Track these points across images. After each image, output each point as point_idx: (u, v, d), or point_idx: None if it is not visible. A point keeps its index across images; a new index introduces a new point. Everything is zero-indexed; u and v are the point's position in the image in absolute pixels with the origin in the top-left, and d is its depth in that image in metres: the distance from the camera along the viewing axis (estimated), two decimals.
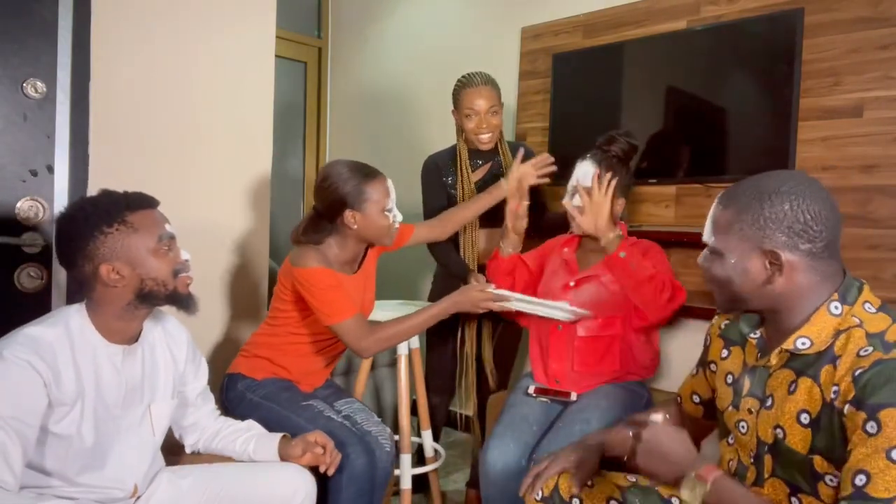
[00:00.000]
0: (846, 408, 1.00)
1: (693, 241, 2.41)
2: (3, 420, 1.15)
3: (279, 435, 1.60)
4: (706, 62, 2.45)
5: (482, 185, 2.30)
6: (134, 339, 1.39)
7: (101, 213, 1.29)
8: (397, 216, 1.86)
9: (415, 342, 2.26)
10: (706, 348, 1.37)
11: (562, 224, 2.10)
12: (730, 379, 1.26)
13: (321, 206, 1.84)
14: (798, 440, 1.08)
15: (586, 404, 1.79)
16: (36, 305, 1.75)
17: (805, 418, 1.07)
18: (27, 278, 1.75)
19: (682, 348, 2.38)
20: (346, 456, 1.67)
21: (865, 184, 2.15)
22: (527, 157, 2.20)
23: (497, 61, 3.15)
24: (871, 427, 0.95)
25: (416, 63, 3.55)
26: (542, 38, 2.98)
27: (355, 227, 1.81)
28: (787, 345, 1.10)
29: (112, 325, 1.33)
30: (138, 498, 1.40)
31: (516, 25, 3.07)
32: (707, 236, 1.18)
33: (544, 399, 1.88)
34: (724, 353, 1.29)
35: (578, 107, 2.80)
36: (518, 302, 1.86)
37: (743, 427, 1.20)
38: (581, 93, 2.80)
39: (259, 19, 2.24)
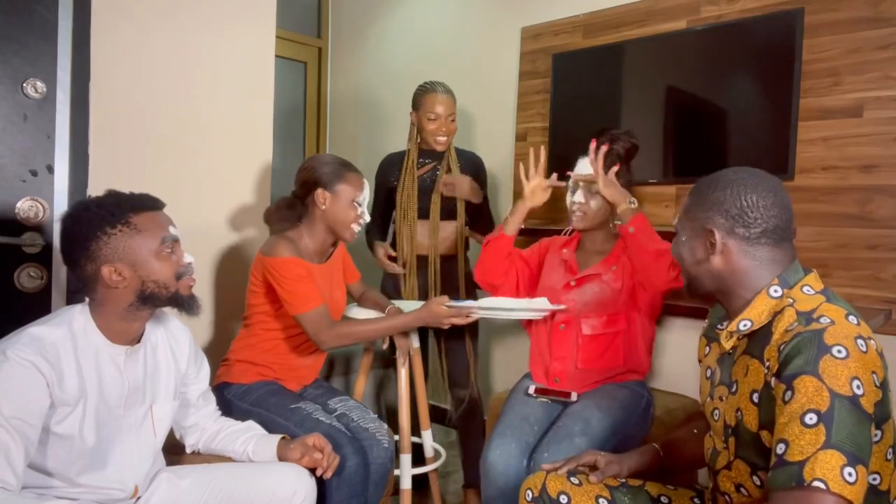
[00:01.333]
0: (773, 381, 1.05)
1: None
2: (6, 420, 1.15)
3: (278, 437, 1.60)
4: (706, 62, 2.45)
5: (425, 182, 2.48)
6: (136, 339, 1.39)
7: (104, 214, 1.29)
8: (365, 215, 1.94)
9: (415, 342, 2.26)
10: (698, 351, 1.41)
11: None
12: (708, 373, 1.32)
13: (297, 186, 1.94)
14: (751, 419, 1.13)
15: (587, 404, 1.79)
16: (36, 305, 1.75)
17: (756, 397, 1.12)
18: (27, 278, 1.75)
19: (676, 348, 2.38)
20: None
21: (865, 184, 2.15)
22: (479, 168, 2.52)
23: (497, 61, 3.15)
24: (787, 395, 0.99)
25: (416, 63, 3.55)
26: (542, 38, 2.98)
27: (324, 207, 1.89)
28: (732, 327, 1.17)
29: (114, 326, 1.33)
30: (138, 499, 1.40)
31: (516, 25, 3.07)
32: (675, 218, 1.30)
33: (544, 399, 1.88)
34: (706, 349, 1.35)
35: (578, 107, 2.80)
36: (485, 311, 1.88)
37: (716, 414, 1.25)
38: (581, 93, 2.80)
39: (259, 19, 2.24)
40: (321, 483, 1.63)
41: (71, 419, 1.26)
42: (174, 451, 1.60)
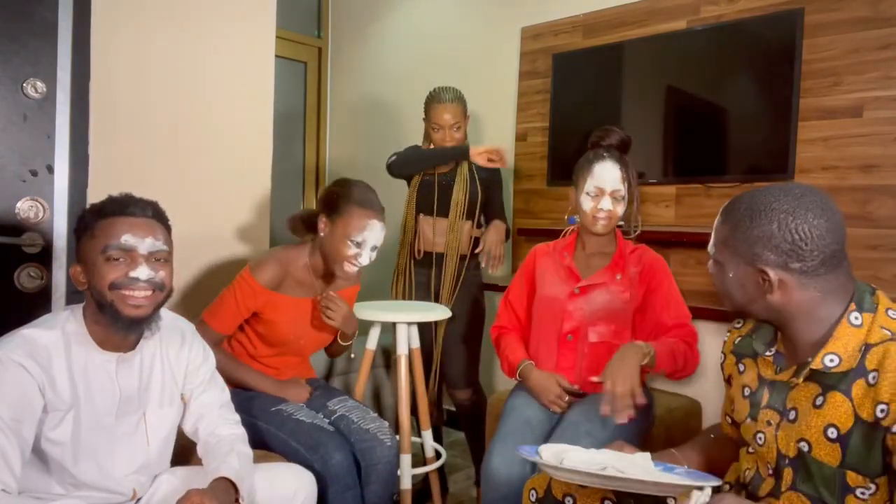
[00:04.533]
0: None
1: (693, 241, 2.41)
2: (4, 423, 1.15)
3: (218, 477, 1.37)
4: (706, 62, 2.45)
5: (442, 181, 2.51)
6: (130, 347, 1.36)
7: (84, 216, 1.31)
8: (361, 257, 1.81)
9: (415, 342, 2.26)
10: (722, 366, 1.36)
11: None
12: (747, 392, 1.24)
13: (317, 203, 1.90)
14: (825, 454, 1.05)
15: (590, 406, 1.78)
16: (36, 305, 1.75)
17: (832, 433, 1.05)
18: (27, 278, 1.75)
19: None
20: (320, 458, 1.65)
21: (865, 184, 2.15)
22: (492, 172, 2.54)
23: (497, 61, 3.15)
24: None
25: (416, 63, 3.55)
26: (542, 38, 2.98)
27: (322, 234, 1.82)
28: (816, 364, 1.07)
29: (101, 332, 1.31)
30: (138, 500, 1.40)
31: (516, 25, 3.07)
32: (710, 246, 1.19)
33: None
34: (740, 367, 1.28)
35: (578, 107, 2.80)
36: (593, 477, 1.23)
37: (760, 439, 1.18)
38: (581, 93, 2.80)
39: (259, 19, 2.24)
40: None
41: (62, 425, 1.25)
42: (184, 452, 1.57)
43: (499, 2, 3.17)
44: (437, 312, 2.26)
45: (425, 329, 2.51)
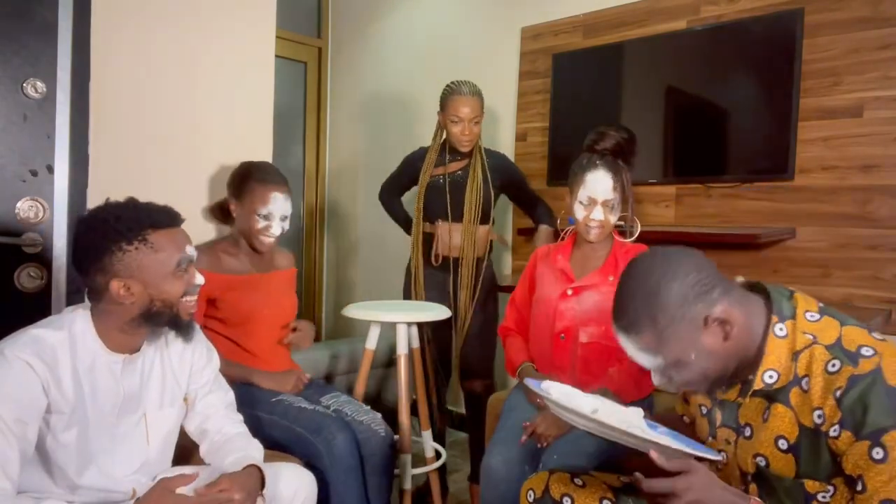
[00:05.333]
0: (834, 430, 0.99)
1: (693, 241, 2.40)
2: (6, 424, 1.14)
3: (248, 463, 1.41)
4: (706, 62, 2.45)
5: (456, 177, 2.50)
6: (136, 349, 1.36)
7: (122, 229, 1.25)
8: (273, 228, 1.90)
9: (415, 341, 2.26)
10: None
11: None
12: (703, 410, 1.26)
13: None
14: (781, 466, 1.07)
15: None
16: (36, 305, 1.74)
17: (783, 444, 1.07)
18: (27, 278, 1.75)
19: None
20: (323, 440, 1.70)
21: (865, 184, 2.15)
22: (506, 172, 2.53)
23: (497, 61, 3.15)
24: (877, 453, 0.95)
25: (415, 63, 3.55)
26: (542, 38, 2.98)
27: (235, 214, 1.93)
28: (758, 384, 1.08)
29: (113, 335, 1.31)
30: (138, 499, 1.40)
31: (516, 25, 3.07)
32: (651, 363, 1.12)
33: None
34: None
35: (578, 107, 2.80)
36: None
37: (724, 457, 1.19)
38: (581, 93, 2.80)
39: (259, 19, 2.24)
40: (318, 471, 1.64)
41: (65, 425, 1.25)
42: (184, 453, 1.57)
43: (499, 2, 3.17)
44: (437, 312, 2.25)
45: (441, 328, 2.53)
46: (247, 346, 1.93)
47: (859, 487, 0.96)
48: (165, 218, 1.31)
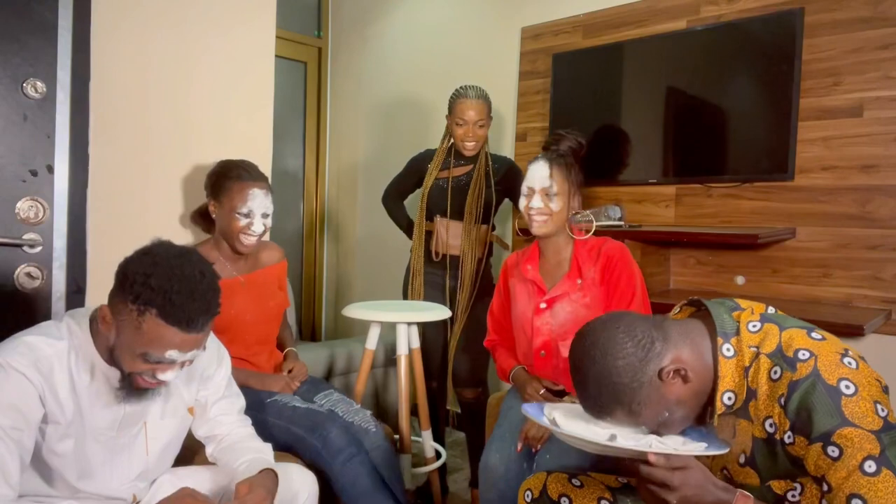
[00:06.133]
0: (788, 437, 1.01)
1: (693, 241, 2.41)
2: (4, 432, 1.14)
3: (263, 467, 1.39)
4: (706, 62, 2.45)
5: (459, 182, 2.51)
6: None
7: (137, 290, 1.15)
8: (254, 226, 1.85)
9: (415, 341, 2.26)
10: None
11: None
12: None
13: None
14: (743, 478, 1.10)
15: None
16: (36, 305, 1.74)
17: (742, 458, 1.09)
18: (27, 278, 1.75)
19: None
20: (319, 436, 1.71)
21: (865, 184, 2.15)
22: (511, 176, 2.50)
23: (497, 61, 3.15)
24: (832, 451, 0.96)
25: (415, 63, 3.55)
26: (542, 38, 2.98)
27: (214, 216, 1.91)
28: (719, 409, 1.10)
29: (110, 352, 1.27)
30: (139, 502, 1.40)
31: (516, 25, 3.07)
32: (639, 430, 1.14)
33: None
34: None
35: (578, 107, 2.80)
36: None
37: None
38: (581, 93, 2.80)
39: (259, 19, 2.24)
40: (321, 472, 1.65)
41: (61, 436, 1.24)
42: (185, 453, 1.56)
43: (499, 2, 3.17)
44: (436, 313, 2.26)
45: (437, 328, 2.53)
46: (231, 351, 1.91)
47: (825, 488, 0.98)
48: (180, 314, 1.15)
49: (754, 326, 1.09)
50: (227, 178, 1.88)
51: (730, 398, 1.09)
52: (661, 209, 2.60)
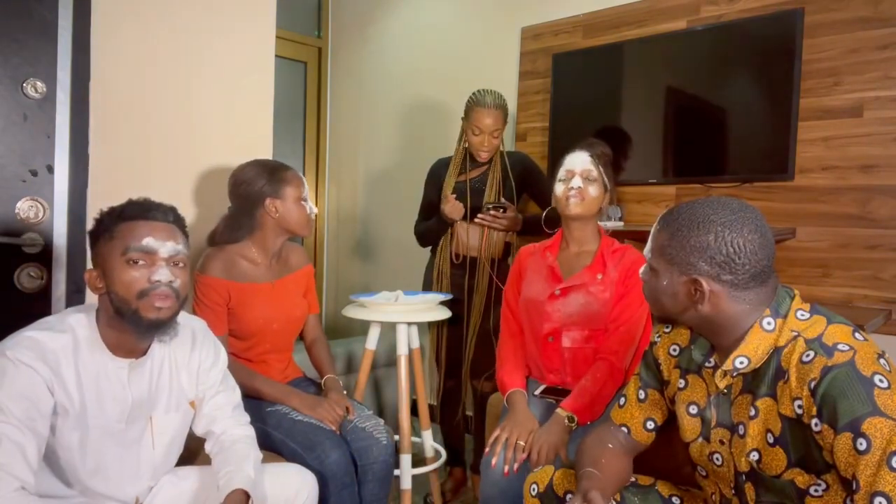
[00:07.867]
0: (815, 424, 1.00)
1: None
2: (19, 421, 1.15)
3: (231, 490, 1.34)
4: (706, 62, 2.45)
5: (474, 183, 2.49)
6: (143, 352, 1.35)
7: (101, 219, 1.29)
8: (312, 208, 1.95)
9: (415, 342, 2.26)
10: (657, 369, 1.33)
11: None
12: (694, 409, 1.24)
13: (239, 203, 1.90)
14: (772, 459, 1.08)
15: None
16: (36, 306, 1.74)
17: (770, 438, 1.08)
18: (27, 278, 1.75)
19: None
20: (316, 458, 1.66)
21: (865, 184, 2.15)
22: (524, 167, 2.51)
23: (497, 61, 3.15)
24: (860, 444, 0.95)
25: (416, 63, 3.55)
26: (542, 38, 2.98)
27: (276, 215, 1.88)
28: (727, 365, 1.11)
29: (115, 338, 1.29)
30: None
31: (516, 25, 3.07)
32: (647, 251, 1.21)
33: (552, 399, 1.86)
34: (682, 382, 1.27)
35: (578, 107, 2.80)
36: None
37: (717, 459, 1.19)
38: (581, 93, 2.80)
39: (259, 19, 2.24)
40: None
41: (69, 430, 1.24)
42: (187, 453, 1.56)
43: (499, 2, 3.17)
44: (436, 313, 2.26)
45: (451, 327, 2.52)
46: (251, 357, 1.91)
47: (854, 486, 0.96)
48: (137, 210, 1.29)
49: (803, 315, 1.10)
50: (282, 170, 1.91)
51: (741, 362, 1.10)
52: (662, 209, 2.59)
